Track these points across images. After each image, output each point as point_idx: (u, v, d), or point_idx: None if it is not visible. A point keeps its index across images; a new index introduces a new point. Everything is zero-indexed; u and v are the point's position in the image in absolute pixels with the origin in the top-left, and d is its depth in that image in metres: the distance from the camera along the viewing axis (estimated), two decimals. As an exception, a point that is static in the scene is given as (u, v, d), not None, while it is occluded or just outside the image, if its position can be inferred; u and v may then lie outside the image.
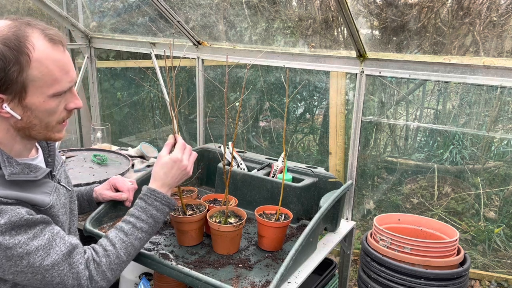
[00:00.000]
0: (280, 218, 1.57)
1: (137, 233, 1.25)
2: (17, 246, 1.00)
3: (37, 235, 1.05)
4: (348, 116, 2.79)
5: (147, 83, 3.68)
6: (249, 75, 3.36)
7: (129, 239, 1.24)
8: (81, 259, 1.13)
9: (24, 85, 1.01)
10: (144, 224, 1.27)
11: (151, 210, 1.29)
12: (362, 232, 3.08)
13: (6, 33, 0.99)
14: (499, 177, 2.95)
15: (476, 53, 2.09)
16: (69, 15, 2.93)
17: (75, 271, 1.11)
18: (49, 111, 1.07)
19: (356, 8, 2.19)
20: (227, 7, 2.45)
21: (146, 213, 1.28)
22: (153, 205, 1.30)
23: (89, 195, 1.59)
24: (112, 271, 1.19)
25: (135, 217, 1.28)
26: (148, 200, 1.30)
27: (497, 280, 2.63)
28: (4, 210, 0.99)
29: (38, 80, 1.02)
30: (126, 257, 1.23)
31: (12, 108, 1.03)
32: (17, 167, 1.07)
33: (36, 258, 1.03)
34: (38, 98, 1.04)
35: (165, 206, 1.32)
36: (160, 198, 1.31)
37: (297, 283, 1.41)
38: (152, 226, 1.29)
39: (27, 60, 0.99)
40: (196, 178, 2.11)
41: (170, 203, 1.33)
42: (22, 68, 0.99)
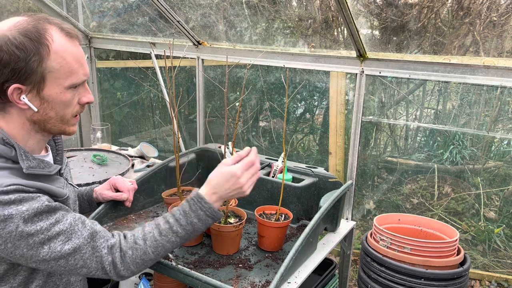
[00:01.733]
0: (280, 218, 1.57)
1: (171, 236, 1.20)
2: (39, 232, 1.01)
3: (59, 220, 1.06)
4: (348, 116, 2.79)
5: (147, 83, 3.68)
6: (249, 75, 3.36)
7: (162, 239, 1.19)
8: (104, 243, 1.13)
9: (43, 76, 1.04)
10: (181, 229, 1.21)
11: (192, 218, 1.22)
12: (362, 232, 3.08)
13: (26, 25, 1.03)
14: (499, 177, 2.95)
15: (476, 53, 2.09)
16: (69, 15, 2.93)
17: (98, 255, 1.11)
18: (65, 103, 1.11)
19: (356, 8, 2.19)
20: (227, 7, 2.45)
21: (186, 219, 1.21)
22: (196, 213, 1.22)
23: (89, 196, 1.59)
24: (137, 265, 1.18)
25: (175, 219, 1.22)
26: (193, 206, 1.23)
27: (497, 280, 2.63)
28: (26, 197, 1.01)
29: (56, 71, 1.06)
30: (155, 256, 1.20)
31: (30, 99, 1.06)
32: (33, 161, 1.10)
33: (56, 243, 1.04)
34: (55, 89, 1.07)
35: (209, 217, 1.23)
36: (206, 209, 1.22)
37: (297, 283, 1.41)
38: (189, 233, 1.22)
39: (47, 51, 1.03)
40: (196, 178, 2.11)
41: (215, 216, 1.24)
42: (42, 58, 1.03)
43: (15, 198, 0.98)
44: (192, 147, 2.25)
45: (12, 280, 1.08)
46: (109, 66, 3.80)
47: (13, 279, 1.08)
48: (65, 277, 1.20)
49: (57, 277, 1.18)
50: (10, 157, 1.06)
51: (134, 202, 1.67)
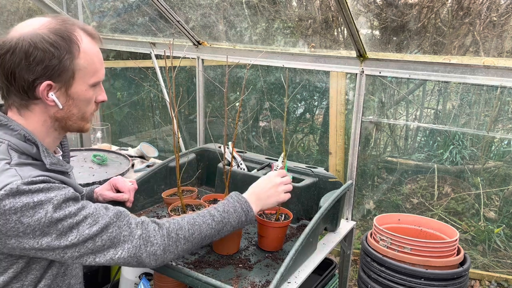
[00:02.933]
0: (280, 218, 1.57)
1: (208, 217, 1.24)
2: (67, 217, 1.03)
3: (85, 206, 1.08)
4: (348, 116, 2.79)
5: (147, 83, 3.68)
6: (249, 75, 3.36)
7: (198, 218, 1.23)
8: (132, 219, 1.14)
9: (73, 73, 1.09)
10: (217, 214, 1.26)
11: (229, 207, 1.29)
12: (362, 232, 3.08)
13: (55, 25, 1.07)
14: (499, 177, 2.95)
15: (476, 53, 2.09)
16: (69, 15, 2.93)
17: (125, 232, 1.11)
18: (88, 100, 1.16)
19: (356, 8, 2.19)
20: (227, 7, 2.45)
21: (224, 207, 1.28)
22: (233, 205, 1.30)
23: (89, 196, 1.59)
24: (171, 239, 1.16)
25: (213, 207, 1.29)
26: (231, 199, 1.32)
27: (497, 280, 2.63)
28: (54, 187, 1.04)
29: (84, 69, 1.11)
30: (189, 234, 1.19)
31: (57, 96, 1.10)
32: (54, 158, 1.13)
33: (85, 226, 1.05)
34: (81, 87, 1.12)
35: (243, 212, 1.30)
36: (242, 202, 1.31)
37: (297, 283, 1.41)
38: (223, 223, 1.26)
39: (77, 49, 1.08)
40: (196, 178, 2.11)
41: (249, 213, 1.31)
42: (74, 57, 1.08)
43: (43, 186, 1.01)
44: (192, 147, 2.25)
45: (24, 278, 1.10)
46: (109, 66, 3.81)
47: (25, 277, 1.10)
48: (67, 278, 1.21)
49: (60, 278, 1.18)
50: (31, 154, 1.09)
51: (134, 202, 1.67)
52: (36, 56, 1.03)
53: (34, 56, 1.03)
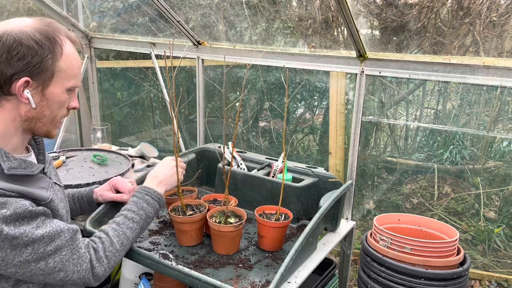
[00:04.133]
0: (280, 218, 1.57)
1: (128, 222, 1.32)
2: (23, 235, 1.03)
3: (40, 225, 1.08)
4: (348, 116, 2.79)
5: (147, 83, 3.68)
6: (249, 75, 3.36)
7: (121, 228, 1.30)
8: (81, 243, 1.17)
9: (52, 74, 1.10)
10: (135, 215, 1.34)
11: (142, 203, 1.38)
12: (362, 232, 3.08)
13: (42, 26, 1.09)
14: (499, 177, 2.95)
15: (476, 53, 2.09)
16: (69, 15, 2.93)
17: (76, 256, 1.14)
18: (61, 103, 1.16)
19: (356, 8, 2.19)
20: (227, 7, 2.45)
21: (137, 206, 1.37)
22: (144, 199, 1.39)
23: (89, 196, 1.59)
24: (108, 259, 1.22)
25: (127, 209, 1.36)
26: (139, 195, 1.41)
27: (497, 280, 2.63)
28: (9, 202, 1.02)
29: (63, 72, 1.12)
30: (120, 245, 1.27)
31: (32, 95, 1.10)
32: (14, 162, 1.11)
33: (40, 245, 1.06)
34: (58, 89, 1.13)
35: (156, 201, 1.41)
36: (151, 193, 1.42)
37: (297, 283, 1.41)
38: (143, 219, 1.36)
39: (60, 51, 1.11)
40: (196, 178, 2.11)
41: (161, 200, 1.43)
42: (56, 58, 1.10)
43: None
44: (192, 147, 2.25)
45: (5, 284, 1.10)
46: (109, 66, 3.81)
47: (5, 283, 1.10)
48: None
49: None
50: None
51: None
52: (19, 52, 1.04)
53: (17, 51, 1.04)
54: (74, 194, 1.60)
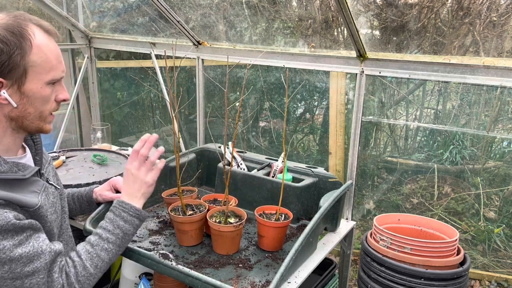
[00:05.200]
0: (280, 218, 1.57)
1: (103, 243, 1.23)
2: (1, 251, 1.00)
3: (22, 242, 1.04)
4: (348, 116, 2.79)
5: (147, 83, 3.68)
6: (249, 75, 3.36)
7: (94, 250, 1.21)
8: (56, 267, 1.12)
9: (25, 70, 1.05)
10: (110, 235, 1.25)
11: (118, 221, 1.28)
12: (362, 232, 3.08)
13: (7, 21, 1.04)
14: (499, 177, 2.95)
15: (476, 53, 2.09)
16: (69, 15, 2.93)
17: (50, 280, 1.09)
18: (44, 98, 1.11)
19: (356, 8, 2.19)
20: (227, 7, 2.45)
21: (113, 224, 1.27)
22: (121, 216, 1.29)
23: (89, 196, 1.59)
24: (80, 284, 1.16)
25: (102, 228, 1.26)
26: (116, 211, 1.30)
27: (497, 280, 2.63)
28: None
29: (38, 66, 1.07)
30: (93, 269, 1.19)
31: (10, 94, 1.06)
32: (4, 166, 1.08)
33: (18, 264, 1.02)
34: (36, 84, 1.08)
35: (134, 217, 1.30)
36: (128, 209, 1.30)
37: (297, 283, 1.41)
38: (120, 238, 1.26)
39: (29, 45, 1.04)
40: (196, 178, 2.11)
41: (140, 214, 1.32)
42: (25, 52, 1.04)
43: None
44: (192, 147, 2.25)
45: None
46: (109, 66, 3.81)
47: None
48: None
49: None
50: None
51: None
52: None
53: None
54: (74, 193, 1.60)
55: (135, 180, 1.36)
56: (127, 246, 1.38)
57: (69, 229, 1.37)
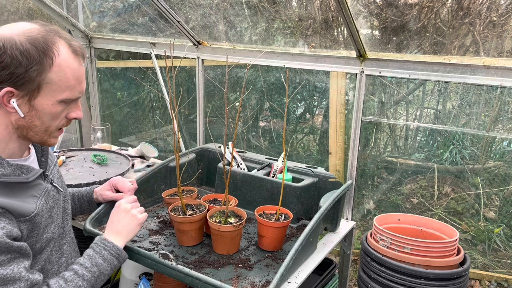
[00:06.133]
0: (280, 218, 1.57)
1: (78, 280, 1.18)
2: None
3: (3, 264, 1.01)
4: (348, 116, 2.79)
5: (147, 83, 3.68)
6: (249, 75, 3.36)
7: (68, 286, 1.15)
8: None
9: (39, 86, 1.05)
10: (86, 272, 1.20)
11: (97, 259, 1.24)
12: (362, 232, 3.08)
13: (36, 34, 1.03)
14: (499, 177, 2.95)
15: (476, 53, 2.09)
16: (69, 15, 2.93)
17: None
18: (53, 115, 1.11)
19: (356, 8, 2.19)
20: (227, 7, 2.45)
21: (91, 261, 1.23)
22: (101, 253, 1.26)
23: (89, 196, 1.59)
24: None
25: (79, 264, 1.22)
26: (97, 248, 1.27)
27: (497, 280, 2.63)
28: None
29: (54, 84, 1.06)
30: None
31: (19, 104, 1.06)
32: (8, 168, 1.08)
33: None
34: (48, 101, 1.08)
35: (114, 257, 1.27)
36: (109, 248, 1.27)
37: (297, 283, 1.41)
38: (95, 277, 1.22)
39: (50, 63, 1.04)
40: (196, 178, 2.11)
41: (120, 255, 1.29)
42: (43, 69, 1.04)
43: None
44: (192, 147, 2.25)
45: None
46: (109, 66, 3.81)
47: None
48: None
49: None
50: None
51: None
52: (3, 61, 1.00)
53: (1, 61, 1.00)
54: (74, 193, 1.60)
55: (126, 215, 1.37)
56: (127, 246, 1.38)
57: (71, 231, 1.37)
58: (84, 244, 1.44)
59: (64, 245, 1.28)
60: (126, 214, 1.38)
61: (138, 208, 1.42)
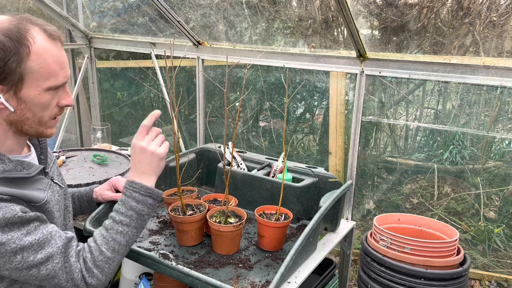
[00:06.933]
0: (280, 218, 1.57)
1: (117, 226, 1.19)
2: (10, 241, 1.00)
3: (31, 232, 1.04)
4: (348, 116, 2.79)
5: (147, 83, 3.68)
6: (249, 75, 3.36)
7: (109, 234, 1.18)
8: (72, 251, 1.13)
9: (21, 76, 1.03)
10: (123, 217, 1.21)
11: (130, 202, 1.23)
12: (362, 232, 3.08)
13: (8, 25, 1.02)
14: (499, 177, 2.95)
15: (476, 53, 2.09)
16: (69, 15, 2.93)
17: (68, 265, 1.10)
18: (43, 105, 1.09)
19: (356, 8, 2.19)
20: (227, 7, 2.45)
21: (125, 206, 1.22)
22: (132, 196, 1.23)
23: (89, 196, 1.59)
24: (99, 268, 1.15)
25: (115, 211, 1.23)
26: (127, 192, 1.25)
27: (497, 280, 2.63)
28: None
29: (35, 72, 1.04)
30: (111, 252, 1.17)
31: (6, 99, 1.05)
32: (9, 164, 1.08)
33: (30, 253, 1.03)
34: (33, 91, 1.06)
35: (146, 197, 1.24)
36: (138, 189, 1.24)
37: (297, 283, 1.41)
38: (134, 219, 1.22)
39: (27, 52, 1.02)
40: (196, 178, 2.11)
41: (153, 193, 1.26)
42: (22, 59, 1.01)
43: None
44: (192, 147, 2.25)
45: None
46: (109, 66, 3.81)
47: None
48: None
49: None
50: None
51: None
52: None
53: None
54: (74, 193, 1.60)
55: (145, 154, 1.27)
56: None
57: (73, 229, 1.37)
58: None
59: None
60: (144, 152, 1.28)
61: (156, 141, 1.31)
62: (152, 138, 1.32)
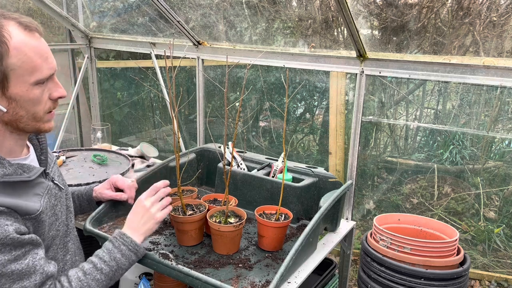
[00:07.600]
0: (280, 218, 1.57)
1: (96, 273, 1.19)
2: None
3: (19, 259, 1.02)
4: (348, 116, 2.79)
5: (147, 83, 3.68)
6: (249, 75, 3.36)
7: (86, 278, 1.17)
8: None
9: (5, 75, 1.00)
10: (105, 266, 1.21)
11: (115, 253, 1.25)
12: (362, 232, 3.08)
13: None
14: (499, 177, 2.95)
15: (476, 53, 2.09)
16: (69, 15, 2.93)
17: None
18: (33, 100, 1.06)
19: (356, 8, 2.19)
20: (227, 7, 2.45)
21: (110, 255, 1.24)
22: (119, 248, 1.26)
23: (88, 195, 1.59)
24: None
25: (98, 257, 1.23)
26: (116, 242, 1.27)
27: (497, 280, 2.63)
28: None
29: (18, 68, 1.01)
30: None
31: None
32: (9, 168, 1.06)
33: (7, 280, 1.01)
34: (21, 88, 1.03)
35: (132, 252, 1.28)
36: (128, 243, 1.28)
37: (297, 283, 1.41)
38: (114, 270, 1.23)
39: (6, 48, 0.99)
40: (196, 178, 2.11)
41: (138, 251, 1.30)
42: (1, 57, 0.98)
43: None
44: (192, 147, 2.25)
45: None
46: (109, 66, 3.81)
47: None
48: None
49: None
50: None
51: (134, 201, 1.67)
52: None
53: None
54: (74, 192, 1.60)
55: (145, 213, 1.36)
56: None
57: (75, 228, 1.37)
58: (84, 244, 1.44)
59: (68, 242, 1.28)
60: (145, 212, 1.36)
61: (158, 205, 1.39)
62: (157, 200, 1.41)
